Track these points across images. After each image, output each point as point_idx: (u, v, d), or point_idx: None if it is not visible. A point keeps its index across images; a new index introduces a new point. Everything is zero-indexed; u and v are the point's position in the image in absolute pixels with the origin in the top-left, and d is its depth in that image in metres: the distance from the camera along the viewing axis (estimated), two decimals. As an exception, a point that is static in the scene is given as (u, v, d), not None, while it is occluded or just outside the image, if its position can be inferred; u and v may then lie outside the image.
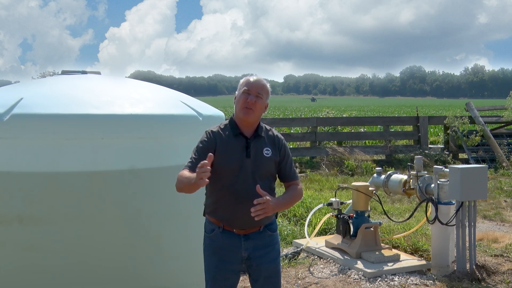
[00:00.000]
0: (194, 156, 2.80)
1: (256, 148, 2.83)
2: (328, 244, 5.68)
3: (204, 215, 2.95)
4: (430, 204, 5.20)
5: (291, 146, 14.17)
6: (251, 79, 2.86)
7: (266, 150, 2.84)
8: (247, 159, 2.78)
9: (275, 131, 2.98)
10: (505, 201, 8.73)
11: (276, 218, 3.01)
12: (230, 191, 2.77)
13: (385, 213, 5.82)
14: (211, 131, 2.86)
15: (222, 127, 2.88)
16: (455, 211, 4.95)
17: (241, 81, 2.89)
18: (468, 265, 4.95)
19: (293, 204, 3.35)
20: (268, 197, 2.62)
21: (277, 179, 2.98)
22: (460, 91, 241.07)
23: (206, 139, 2.83)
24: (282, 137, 2.98)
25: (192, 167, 2.72)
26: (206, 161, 2.51)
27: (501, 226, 7.17)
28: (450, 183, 4.90)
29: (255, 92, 2.81)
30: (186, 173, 2.70)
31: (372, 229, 5.40)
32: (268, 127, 2.97)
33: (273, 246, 2.93)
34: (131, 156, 3.47)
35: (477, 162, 12.42)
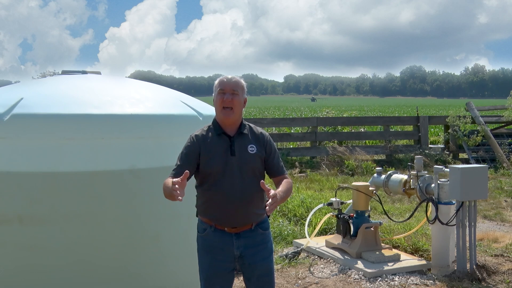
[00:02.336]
0: (178, 163, 2.84)
1: (240, 145, 2.85)
2: (328, 244, 5.68)
3: (197, 216, 2.97)
4: (430, 204, 5.19)
5: (291, 146, 14.17)
6: (224, 79, 2.89)
7: (250, 147, 2.86)
8: (232, 157, 2.81)
9: (259, 128, 3.00)
10: (505, 201, 8.73)
11: (268, 217, 3.02)
12: (218, 191, 2.79)
13: (385, 213, 5.82)
14: (195, 135, 2.90)
15: (205, 129, 2.92)
16: (455, 211, 4.95)
17: (215, 82, 2.92)
18: (468, 265, 4.95)
19: (289, 197, 3.37)
20: (274, 191, 2.66)
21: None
22: (460, 91, 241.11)
23: (189, 144, 2.87)
24: (267, 134, 3.00)
25: (176, 174, 2.77)
26: (179, 179, 2.53)
27: (501, 226, 7.17)
28: (451, 183, 4.90)
29: (229, 90, 2.84)
30: (169, 181, 2.71)
31: (372, 229, 5.40)
32: (251, 125, 2.99)
33: (265, 245, 2.94)
34: (131, 156, 3.47)
35: (478, 162, 12.42)
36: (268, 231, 3.00)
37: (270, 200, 2.61)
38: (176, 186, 2.51)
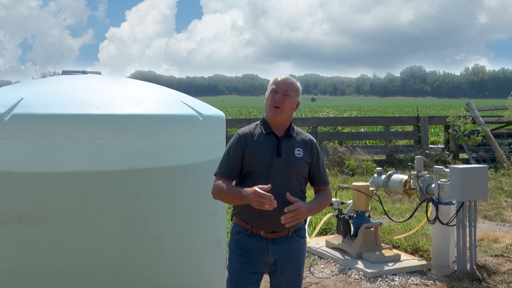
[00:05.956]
0: (225, 161, 2.79)
1: (288, 147, 2.78)
2: (328, 244, 5.67)
3: (231, 218, 2.89)
4: (430, 204, 5.19)
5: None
6: (279, 78, 2.83)
7: (297, 150, 2.79)
8: (277, 158, 2.73)
9: (307, 134, 2.94)
10: (506, 201, 8.73)
11: (306, 223, 2.94)
12: None
13: (386, 213, 5.82)
14: (241, 131, 2.83)
15: (253, 126, 2.86)
16: (455, 211, 4.95)
17: (271, 81, 2.87)
18: (468, 265, 4.95)
19: (322, 210, 3.29)
20: (300, 203, 2.60)
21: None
22: (460, 91, 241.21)
23: (235, 141, 2.80)
24: (315, 140, 2.93)
25: (224, 173, 2.75)
26: (265, 192, 2.53)
27: (502, 226, 7.17)
28: (451, 183, 4.90)
29: (282, 91, 2.77)
30: (230, 186, 2.70)
31: (372, 229, 5.40)
32: (300, 130, 2.93)
33: (300, 254, 2.88)
34: (132, 156, 3.46)
35: (478, 162, 12.41)
36: (304, 240, 2.91)
37: (289, 212, 2.57)
38: (266, 195, 2.52)
